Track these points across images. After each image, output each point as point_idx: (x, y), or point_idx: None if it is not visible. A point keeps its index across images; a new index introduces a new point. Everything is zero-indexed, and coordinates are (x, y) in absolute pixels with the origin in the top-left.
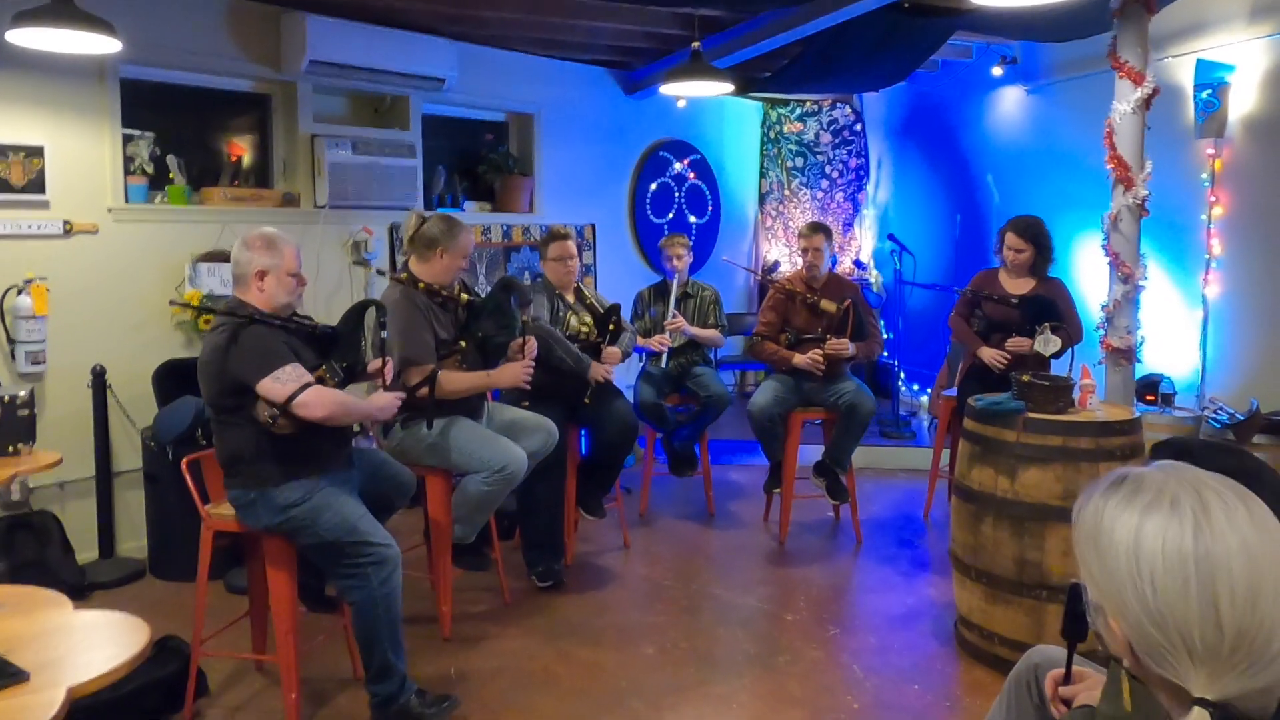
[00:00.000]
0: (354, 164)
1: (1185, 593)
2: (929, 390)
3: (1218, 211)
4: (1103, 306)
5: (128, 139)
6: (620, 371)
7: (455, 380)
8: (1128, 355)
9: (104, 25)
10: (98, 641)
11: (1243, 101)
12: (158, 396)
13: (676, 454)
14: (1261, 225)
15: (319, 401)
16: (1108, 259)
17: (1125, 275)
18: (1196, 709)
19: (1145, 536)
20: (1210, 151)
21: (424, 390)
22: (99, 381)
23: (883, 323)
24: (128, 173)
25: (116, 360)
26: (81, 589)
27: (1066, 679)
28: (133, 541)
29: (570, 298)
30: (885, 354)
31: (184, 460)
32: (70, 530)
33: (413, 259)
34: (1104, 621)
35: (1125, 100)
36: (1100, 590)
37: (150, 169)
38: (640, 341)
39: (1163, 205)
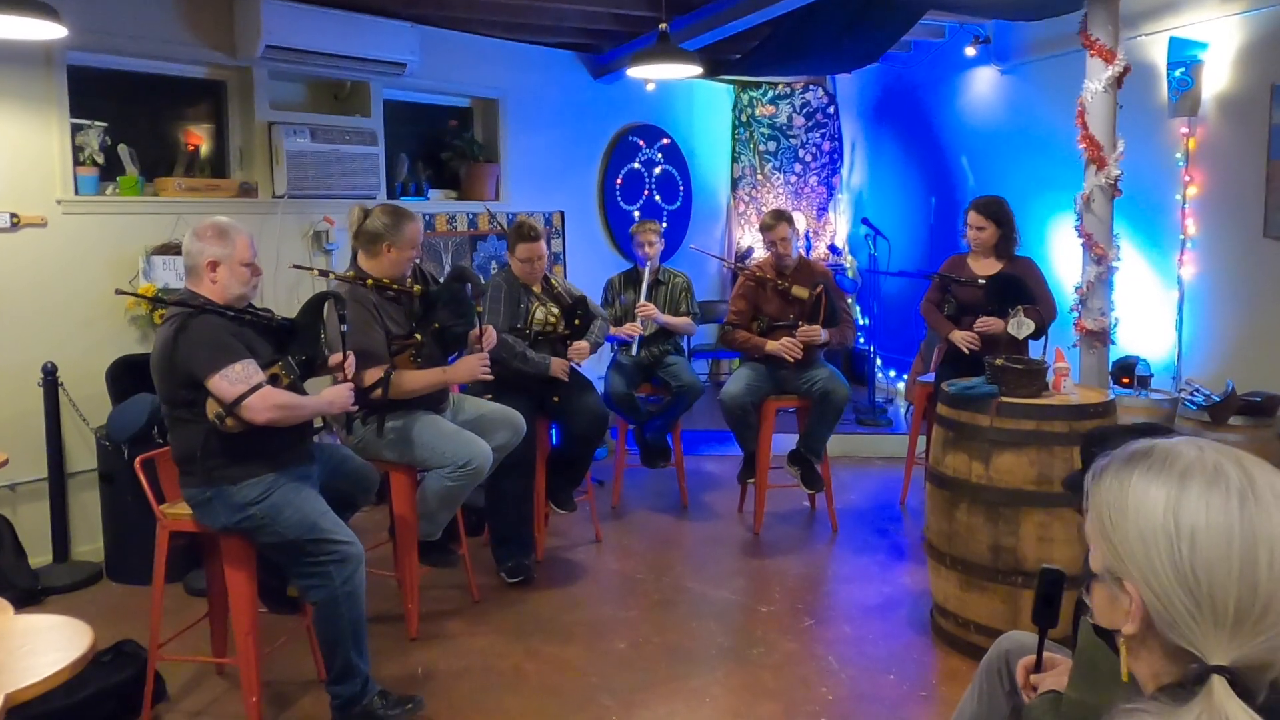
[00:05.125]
0: (313, 152)
1: (1228, 553)
2: (905, 376)
3: (1192, 191)
4: (1076, 288)
5: (77, 128)
6: (590, 362)
7: (411, 379)
8: (1102, 337)
9: (48, 10)
10: (39, 647)
11: (1216, 79)
12: (112, 394)
13: (649, 445)
14: (1236, 204)
15: (262, 405)
16: (1081, 240)
17: (1098, 256)
18: (1217, 678)
19: (1189, 499)
20: (1184, 130)
21: (378, 391)
22: (50, 379)
23: (858, 308)
24: (77, 163)
25: (68, 357)
26: (35, 593)
27: (1038, 665)
28: (89, 544)
29: (537, 288)
30: (862, 339)
31: (138, 459)
32: (23, 533)
33: (360, 254)
34: (1114, 590)
35: (1096, 79)
36: (1123, 555)
37: (101, 159)
38: (611, 330)
39: (1137, 185)
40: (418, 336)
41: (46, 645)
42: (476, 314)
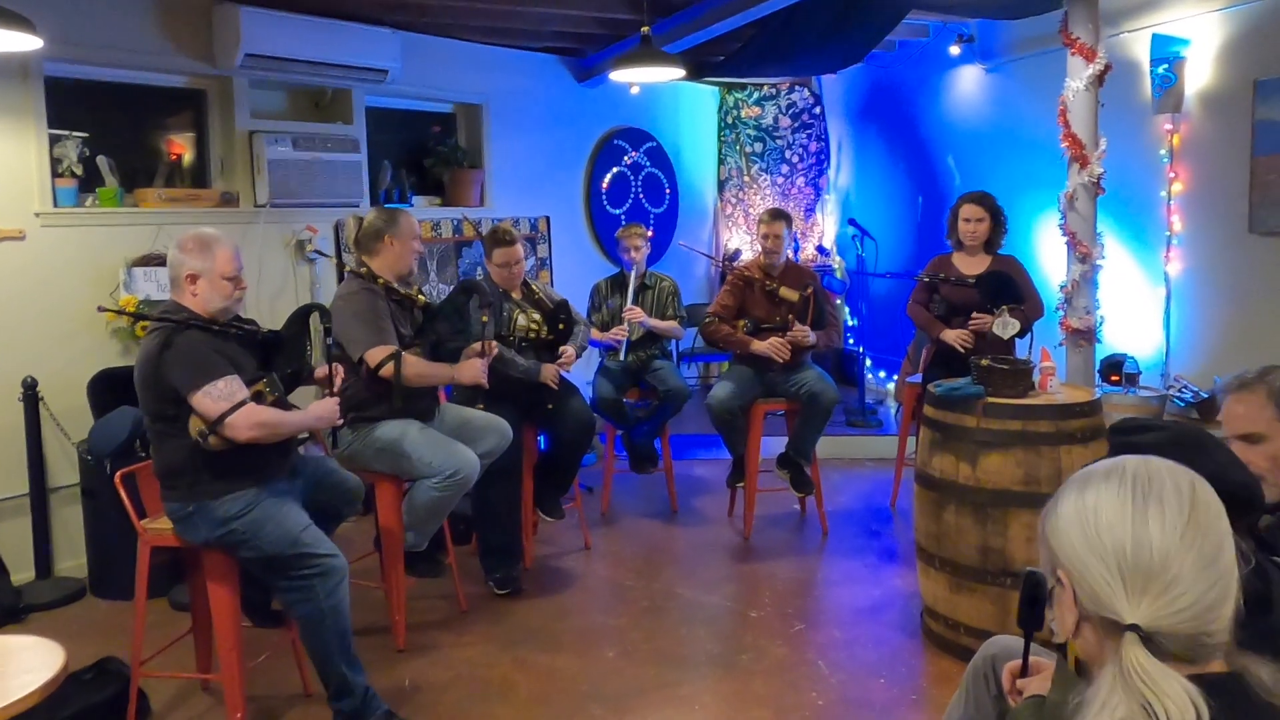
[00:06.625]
0: (295, 160)
1: (1123, 516)
2: (895, 377)
3: (1177, 187)
4: (1061, 287)
5: (55, 140)
6: (577, 367)
7: (420, 364)
8: (1087, 336)
9: (22, 21)
10: (10, 669)
11: (1199, 75)
12: (93, 408)
13: (637, 450)
14: (1221, 200)
15: (245, 423)
16: (1065, 239)
17: (1083, 254)
18: (1128, 634)
19: (1092, 485)
20: (1168, 127)
21: (389, 368)
22: (30, 394)
23: (847, 309)
24: (55, 175)
25: (49, 371)
26: (17, 611)
27: (1024, 670)
28: (71, 560)
29: (517, 295)
30: (851, 340)
31: (118, 474)
32: (4, 550)
33: (365, 259)
34: (1058, 589)
35: (1077, 77)
36: (1054, 547)
37: (80, 170)
38: (597, 335)
39: (1122, 182)
40: (417, 343)
41: (18, 667)
42: (483, 324)
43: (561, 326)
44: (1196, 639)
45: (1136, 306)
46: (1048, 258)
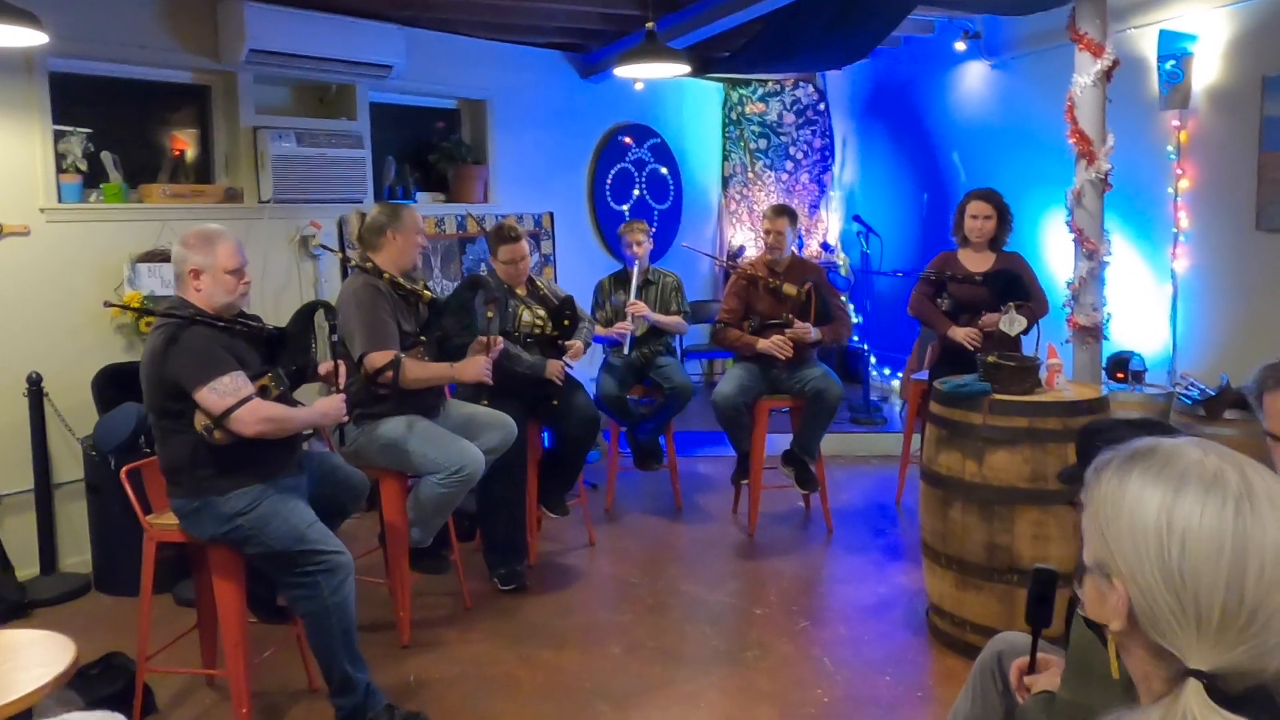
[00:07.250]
0: (299, 156)
1: (1217, 560)
2: (900, 374)
3: (1184, 184)
4: (1068, 284)
5: (59, 136)
6: (581, 364)
7: (419, 368)
8: (1094, 333)
9: (28, 17)
10: (22, 662)
11: (1206, 71)
12: (98, 403)
13: (641, 447)
14: (1228, 197)
15: (251, 418)
16: (1072, 235)
17: (1090, 251)
18: (1192, 680)
19: (1184, 501)
20: (1175, 123)
21: (388, 375)
22: (35, 389)
23: (852, 306)
24: (60, 171)
25: (53, 367)
26: (22, 607)
27: (1032, 666)
28: (76, 556)
29: (522, 291)
30: (856, 338)
31: (123, 469)
32: (9, 546)
33: (369, 254)
34: (1103, 584)
35: (1085, 73)
36: (1113, 550)
37: (84, 166)
38: (601, 331)
39: (1129, 179)
40: (423, 338)
41: (29, 661)
42: (488, 320)
43: (566, 323)
44: (1260, 674)
45: (1143, 303)
46: (1053, 254)
